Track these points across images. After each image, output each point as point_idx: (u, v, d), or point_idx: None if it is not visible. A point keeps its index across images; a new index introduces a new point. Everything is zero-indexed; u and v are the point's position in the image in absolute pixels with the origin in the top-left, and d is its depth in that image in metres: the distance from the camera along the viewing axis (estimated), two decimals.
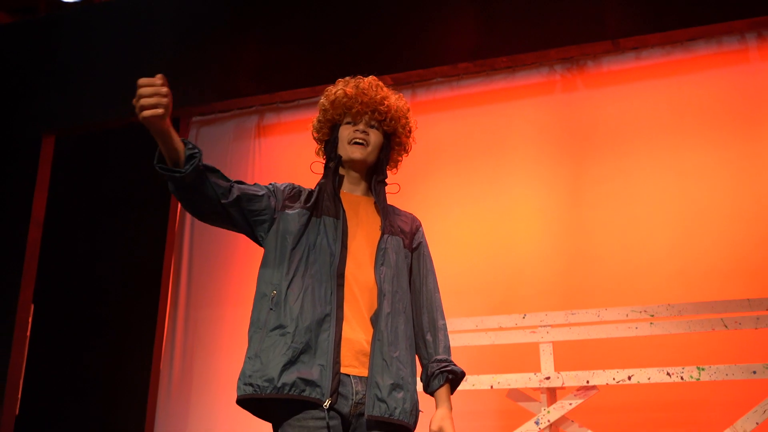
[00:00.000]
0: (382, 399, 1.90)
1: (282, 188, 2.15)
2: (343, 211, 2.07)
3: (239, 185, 2.08)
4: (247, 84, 5.87)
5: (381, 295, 1.99)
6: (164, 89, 1.83)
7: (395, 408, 1.91)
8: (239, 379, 1.95)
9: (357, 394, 1.91)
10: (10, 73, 6.57)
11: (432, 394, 2.11)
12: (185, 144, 1.94)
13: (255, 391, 1.88)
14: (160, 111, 1.82)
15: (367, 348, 1.95)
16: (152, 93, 1.84)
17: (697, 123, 5.33)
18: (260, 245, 2.13)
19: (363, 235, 2.08)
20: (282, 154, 6.29)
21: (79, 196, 6.63)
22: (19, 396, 6.00)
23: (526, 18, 5.18)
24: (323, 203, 2.09)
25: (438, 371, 2.07)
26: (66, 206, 6.56)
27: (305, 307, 1.93)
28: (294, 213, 2.07)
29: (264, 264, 2.07)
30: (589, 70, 5.69)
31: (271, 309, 1.97)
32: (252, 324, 2.01)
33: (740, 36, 5.32)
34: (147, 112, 1.81)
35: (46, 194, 6.26)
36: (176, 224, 6.53)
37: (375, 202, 2.18)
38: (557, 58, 5.59)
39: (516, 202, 5.65)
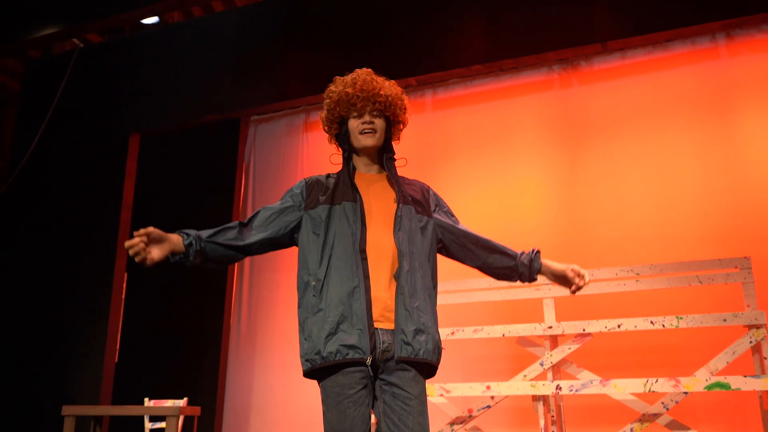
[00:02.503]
0: (408, 342, 1.91)
1: (299, 192, 2.14)
2: (359, 194, 2.05)
3: (258, 219, 2.11)
4: (295, 87, 5.89)
5: (400, 255, 1.98)
6: (135, 245, 1.90)
7: (419, 349, 1.92)
8: (300, 357, 1.99)
9: (384, 343, 1.91)
10: (102, 83, 6.65)
11: (540, 270, 2.21)
12: (182, 237, 2.01)
13: (311, 365, 1.92)
14: (145, 260, 1.92)
15: (391, 304, 1.95)
16: (133, 253, 1.92)
17: (674, 111, 5.27)
18: (296, 245, 2.13)
19: (380, 207, 2.06)
20: (326, 145, 6.21)
21: (161, 184, 6.72)
22: (118, 347, 6.12)
23: (527, 26, 5.14)
24: (341, 191, 2.08)
25: (529, 258, 2.20)
26: (150, 192, 6.64)
27: (336, 285, 1.94)
28: (317, 210, 2.06)
29: (301, 257, 2.07)
30: (582, 69, 5.64)
31: (314, 295, 1.97)
32: (300, 309, 2.02)
33: (711, 36, 5.23)
34: (139, 260, 1.94)
35: (134, 183, 6.34)
36: (240, 205, 6.60)
37: (387, 177, 2.15)
38: (555, 60, 5.56)
39: (521, 181, 5.64)
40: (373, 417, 3.98)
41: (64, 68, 6.79)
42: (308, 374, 1.97)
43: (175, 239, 1.99)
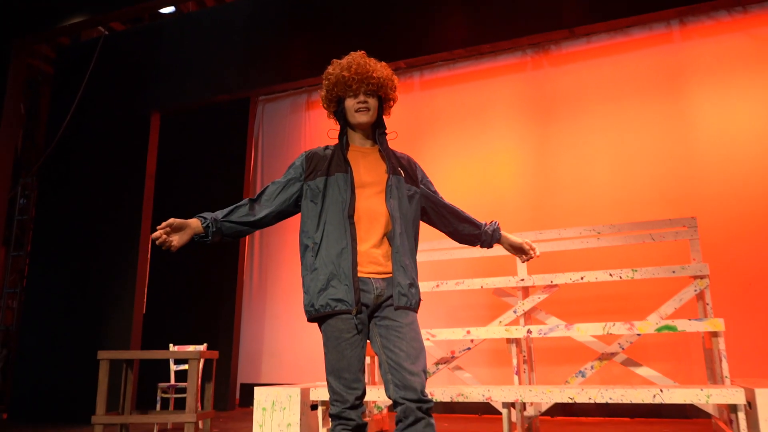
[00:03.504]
0: (404, 294, 1.95)
1: (300, 164, 2.14)
2: (350, 167, 2.06)
3: (267, 194, 2.14)
4: (299, 70, 5.84)
5: (393, 220, 2.01)
6: (159, 237, 1.98)
7: (412, 299, 1.97)
8: (304, 308, 2.05)
9: (377, 288, 1.95)
10: (126, 67, 6.58)
11: (500, 240, 2.31)
12: (200, 221, 2.06)
13: (310, 314, 1.98)
14: (170, 247, 2.01)
15: (382, 259, 1.98)
16: (159, 243, 1.99)
17: (633, 90, 5.27)
18: (300, 211, 2.15)
19: (373, 177, 2.07)
20: (325, 122, 6.24)
21: (180, 157, 6.70)
22: (145, 299, 6.16)
23: (503, 15, 5.09)
24: (335, 164, 2.08)
25: (492, 228, 2.28)
26: (170, 164, 6.63)
27: (328, 248, 1.98)
28: (314, 181, 2.07)
29: (302, 223, 2.10)
30: (551, 52, 5.62)
31: (312, 256, 2.01)
32: (302, 268, 2.06)
33: (666, 22, 5.21)
34: (165, 248, 2.02)
35: (156, 155, 6.32)
36: (250, 174, 6.58)
37: (379, 150, 2.16)
38: (527, 44, 5.52)
39: (498, 152, 5.64)
40: (368, 359, 4.03)
41: (91, 54, 6.71)
42: (311, 320, 2.03)
43: (195, 223, 2.04)
